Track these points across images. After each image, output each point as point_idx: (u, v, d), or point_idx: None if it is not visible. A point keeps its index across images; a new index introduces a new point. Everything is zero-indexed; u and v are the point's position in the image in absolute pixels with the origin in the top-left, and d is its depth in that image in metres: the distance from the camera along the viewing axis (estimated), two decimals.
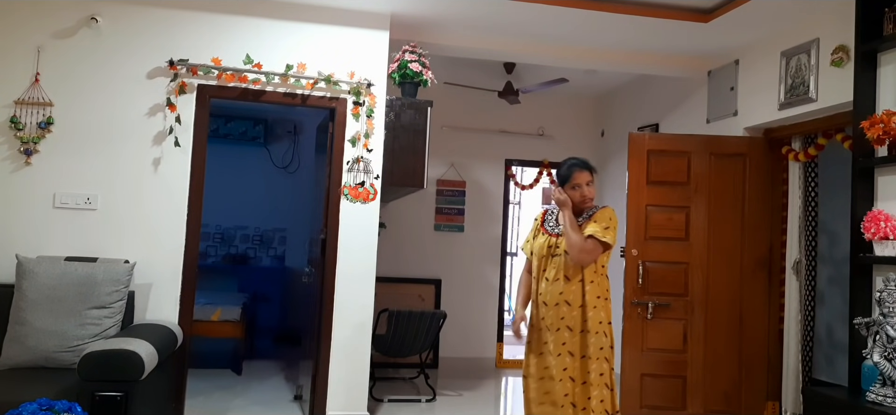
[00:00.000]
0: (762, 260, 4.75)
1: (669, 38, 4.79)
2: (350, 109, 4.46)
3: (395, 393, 5.48)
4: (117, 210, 4.14)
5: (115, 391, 3.06)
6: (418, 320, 5.22)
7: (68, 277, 3.65)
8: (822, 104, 4.11)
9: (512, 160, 7.14)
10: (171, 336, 3.82)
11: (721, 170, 4.75)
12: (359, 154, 4.45)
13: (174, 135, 4.18)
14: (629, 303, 4.68)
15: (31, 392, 2.88)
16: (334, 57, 4.45)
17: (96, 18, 4.14)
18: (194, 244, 4.25)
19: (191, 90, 4.24)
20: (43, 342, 3.53)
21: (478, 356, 6.92)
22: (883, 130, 3.19)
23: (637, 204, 4.75)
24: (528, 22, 4.60)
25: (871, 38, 3.46)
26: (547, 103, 7.07)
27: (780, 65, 4.44)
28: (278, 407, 4.94)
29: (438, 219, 6.97)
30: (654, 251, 4.71)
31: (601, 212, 3.29)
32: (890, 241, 3.18)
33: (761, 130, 4.77)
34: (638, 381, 4.68)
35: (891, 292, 3.00)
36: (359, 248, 4.44)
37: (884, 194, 3.43)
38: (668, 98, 5.86)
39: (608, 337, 3.25)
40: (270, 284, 7.91)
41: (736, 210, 4.74)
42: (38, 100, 4.08)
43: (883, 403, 2.96)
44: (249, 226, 8.25)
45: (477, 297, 6.97)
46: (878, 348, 3.00)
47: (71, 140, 4.11)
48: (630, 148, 4.81)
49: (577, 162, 3.35)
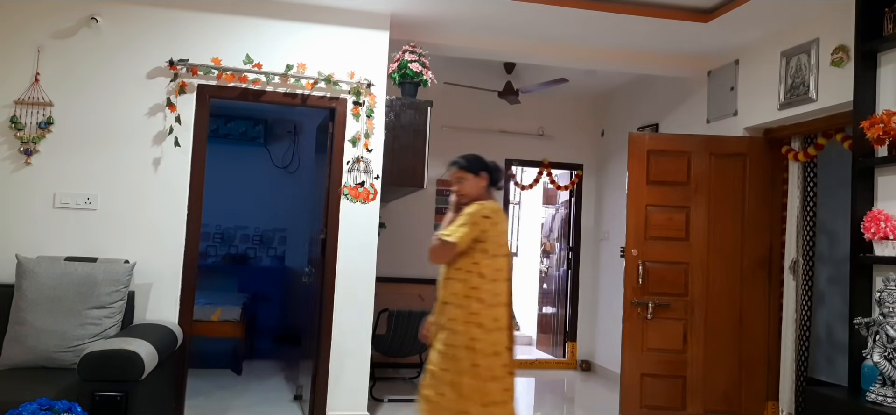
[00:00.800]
0: (762, 260, 4.75)
1: (669, 38, 4.79)
2: (350, 108, 4.46)
3: (395, 393, 5.48)
4: (117, 210, 4.14)
5: (115, 391, 3.06)
6: (418, 319, 5.21)
7: (68, 277, 3.65)
8: (822, 104, 4.11)
9: (512, 160, 7.13)
10: (171, 336, 3.82)
11: (721, 170, 4.75)
12: (359, 154, 4.45)
13: (174, 135, 4.18)
14: (629, 303, 4.68)
15: (31, 392, 2.88)
16: (334, 57, 4.45)
17: (96, 18, 4.15)
18: (194, 244, 4.25)
19: (191, 90, 4.24)
20: (43, 342, 3.53)
21: None
22: (883, 130, 3.19)
23: (637, 204, 4.75)
24: (528, 22, 4.60)
25: (871, 38, 3.46)
26: (547, 103, 7.07)
27: (780, 65, 4.44)
28: (278, 407, 4.94)
29: (438, 219, 6.96)
30: (654, 251, 4.71)
31: (468, 207, 3.18)
32: (890, 241, 3.18)
33: (761, 130, 4.77)
34: (638, 381, 4.68)
35: (891, 292, 3.00)
36: (359, 248, 4.44)
37: (884, 194, 3.43)
38: (668, 98, 5.86)
39: (460, 335, 3.08)
40: (270, 285, 7.91)
41: (736, 210, 4.74)
42: (38, 100, 4.08)
43: (883, 403, 2.96)
44: (249, 226, 8.25)
45: None
46: (878, 348, 3.00)
47: (71, 140, 4.11)
48: (630, 148, 4.81)
49: (451, 161, 3.32)
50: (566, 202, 7.61)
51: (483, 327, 3.08)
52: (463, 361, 3.07)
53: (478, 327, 3.08)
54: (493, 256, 3.12)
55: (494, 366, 3.09)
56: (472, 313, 3.09)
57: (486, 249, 3.12)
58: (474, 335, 3.08)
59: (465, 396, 3.06)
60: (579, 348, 7.20)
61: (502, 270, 3.15)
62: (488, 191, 3.32)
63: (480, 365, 3.06)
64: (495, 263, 3.13)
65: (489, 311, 3.10)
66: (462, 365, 3.07)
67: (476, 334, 3.08)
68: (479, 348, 3.07)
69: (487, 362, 3.07)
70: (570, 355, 7.21)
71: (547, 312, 8.00)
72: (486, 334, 3.09)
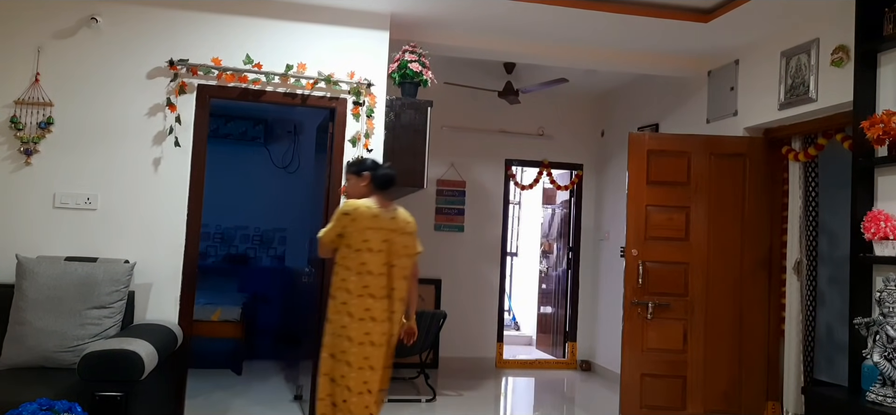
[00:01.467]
0: (762, 260, 4.75)
1: (669, 38, 4.79)
2: (350, 108, 4.46)
3: (395, 393, 5.47)
4: (117, 210, 4.14)
5: (115, 391, 3.06)
6: (418, 319, 5.21)
7: (68, 277, 3.65)
8: (822, 104, 4.11)
9: (512, 160, 7.14)
10: (171, 336, 3.82)
11: (721, 170, 4.75)
12: (359, 154, 4.45)
13: (174, 135, 4.18)
14: (629, 303, 4.68)
15: (31, 392, 2.88)
16: (334, 57, 4.45)
17: (96, 18, 4.15)
18: (194, 244, 4.25)
19: (191, 90, 4.24)
20: (43, 342, 3.52)
21: (478, 356, 6.92)
22: (883, 130, 3.19)
23: (637, 204, 4.75)
24: (528, 22, 4.60)
25: (870, 38, 3.47)
26: (547, 103, 7.07)
27: (780, 65, 4.44)
28: (278, 407, 4.94)
29: (438, 219, 6.97)
30: (654, 251, 4.71)
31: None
32: (890, 241, 3.18)
33: (761, 130, 4.77)
34: (638, 381, 4.68)
35: (891, 292, 3.01)
36: None
37: (884, 194, 3.43)
38: (668, 98, 5.86)
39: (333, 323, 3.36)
40: (270, 285, 7.91)
41: (736, 210, 4.75)
42: (38, 100, 4.08)
43: (883, 403, 2.96)
44: (249, 226, 8.25)
45: (477, 297, 6.97)
46: (878, 348, 3.00)
47: (71, 140, 4.11)
48: (630, 148, 4.81)
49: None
50: (566, 202, 7.61)
51: (352, 315, 3.32)
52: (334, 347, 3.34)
53: (348, 315, 3.32)
54: (356, 251, 3.34)
55: (358, 355, 3.31)
56: (342, 303, 3.34)
57: (350, 244, 3.34)
58: (344, 323, 3.32)
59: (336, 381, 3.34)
60: (579, 348, 7.20)
61: (367, 263, 3.33)
62: (371, 190, 3.49)
63: (347, 351, 3.30)
64: (359, 258, 3.33)
65: (358, 301, 3.32)
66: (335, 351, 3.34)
67: (346, 322, 3.32)
68: (345, 334, 3.32)
69: (354, 349, 3.31)
70: (570, 355, 7.21)
71: (547, 312, 8.00)
72: (355, 322, 3.32)
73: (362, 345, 3.31)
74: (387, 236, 3.37)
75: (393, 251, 3.38)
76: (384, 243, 3.36)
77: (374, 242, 3.34)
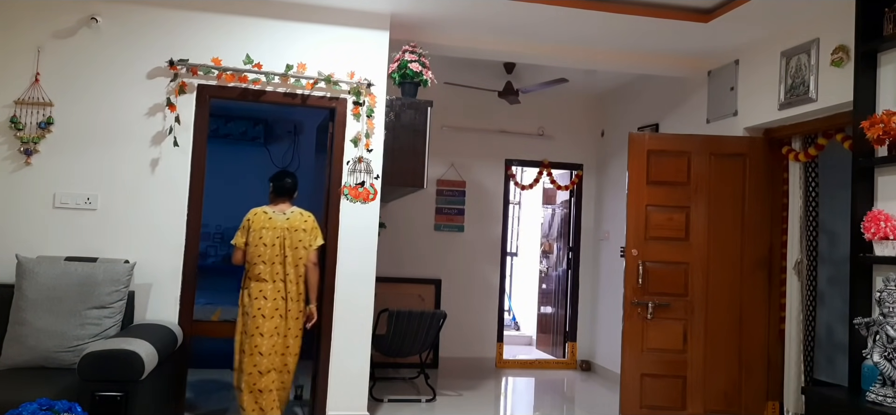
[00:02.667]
0: (762, 260, 4.75)
1: (669, 38, 4.79)
2: (350, 109, 4.46)
3: (395, 393, 5.48)
4: (117, 210, 4.14)
5: (115, 391, 3.07)
6: (418, 319, 5.22)
7: (68, 277, 3.65)
8: (822, 104, 4.11)
9: (512, 160, 7.14)
10: (171, 336, 3.82)
11: (721, 170, 4.75)
12: (359, 154, 4.45)
13: (174, 135, 4.18)
14: (629, 303, 4.68)
15: (31, 392, 2.88)
16: (334, 57, 4.45)
17: (96, 18, 4.15)
18: (194, 244, 4.26)
19: (191, 90, 4.24)
20: (43, 342, 3.53)
21: (478, 356, 6.92)
22: (883, 130, 3.19)
23: (637, 204, 4.75)
24: (528, 22, 4.60)
25: (871, 38, 3.46)
26: (547, 103, 7.07)
27: (780, 65, 4.44)
28: None
29: (438, 219, 6.97)
30: (654, 251, 4.71)
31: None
32: (890, 241, 3.18)
33: (761, 130, 4.77)
34: (638, 381, 4.68)
35: (891, 292, 3.00)
36: (359, 248, 4.44)
37: (884, 194, 3.43)
38: (668, 98, 5.86)
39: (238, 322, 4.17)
40: None
41: (736, 210, 4.74)
42: (38, 100, 4.08)
43: (883, 403, 2.96)
44: None
45: (477, 297, 6.97)
46: (878, 348, 3.00)
47: (71, 140, 4.11)
48: (630, 148, 4.81)
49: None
50: (566, 202, 7.61)
51: (250, 296, 4.09)
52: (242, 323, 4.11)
53: (248, 296, 4.11)
54: (254, 247, 4.11)
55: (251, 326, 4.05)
56: (245, 288, 4.14)
57: (250, 241, 4.12)
58: (245, 302, 4.11)
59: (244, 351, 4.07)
60: (579, 348, 7.20)
61: (262, 255, 4.09)
62: (274, 198, 4.31)
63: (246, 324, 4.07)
64: (256, 251, 4.10)
65: (255, 284, 4.10)
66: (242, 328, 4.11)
67: (246, 301, 4.11)
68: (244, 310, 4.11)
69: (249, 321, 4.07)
70: (570, 355, 7.21)
71: (547, 312, 8.00)
72: (251, 301, 4.08)
73: (255, 318, 4.03)
74: (280, 234, 4.12)
75: (286, 244, 4.11)
76: (277, 239, 4.11)
77: (267, 239, 4.10)
